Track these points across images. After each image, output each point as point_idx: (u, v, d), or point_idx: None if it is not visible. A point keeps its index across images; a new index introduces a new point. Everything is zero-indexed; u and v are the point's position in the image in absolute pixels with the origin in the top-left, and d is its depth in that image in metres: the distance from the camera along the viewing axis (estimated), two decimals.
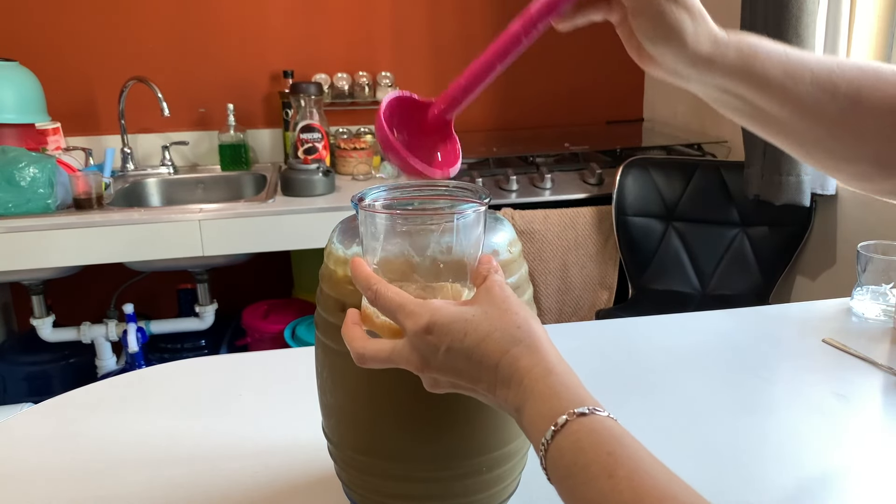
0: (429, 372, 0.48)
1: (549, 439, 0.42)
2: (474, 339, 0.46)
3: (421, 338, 0.46)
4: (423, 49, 2.49)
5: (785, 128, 0.57)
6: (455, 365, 0.47)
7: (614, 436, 0.41)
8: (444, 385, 0.48)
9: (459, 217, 0.50)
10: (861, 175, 0.58)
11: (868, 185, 0.59)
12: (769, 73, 0.53)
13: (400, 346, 0.48)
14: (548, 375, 0.45)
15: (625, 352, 0.97)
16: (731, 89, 0.55)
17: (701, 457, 0.72)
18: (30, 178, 1.79)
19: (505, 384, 0.46)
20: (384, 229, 0.51)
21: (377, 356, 0.49)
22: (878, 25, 1.74)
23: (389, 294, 0.48)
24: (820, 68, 0.54)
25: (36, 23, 2.22)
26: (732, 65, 0.53)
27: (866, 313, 1.04)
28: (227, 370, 0.94)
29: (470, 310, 0.47)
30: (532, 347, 0.46)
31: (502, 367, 0.46)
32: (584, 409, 0.42)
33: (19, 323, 2.44)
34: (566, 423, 0.42)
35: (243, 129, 2.34)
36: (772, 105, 0.55)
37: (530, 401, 0.44)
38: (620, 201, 2.04)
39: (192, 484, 0.69)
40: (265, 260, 2.39)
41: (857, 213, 1.74)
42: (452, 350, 0.46)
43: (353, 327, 0.51)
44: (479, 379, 0.47)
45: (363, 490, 0.61)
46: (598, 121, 2.66)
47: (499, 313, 0.47)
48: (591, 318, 2.10)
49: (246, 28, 2.36)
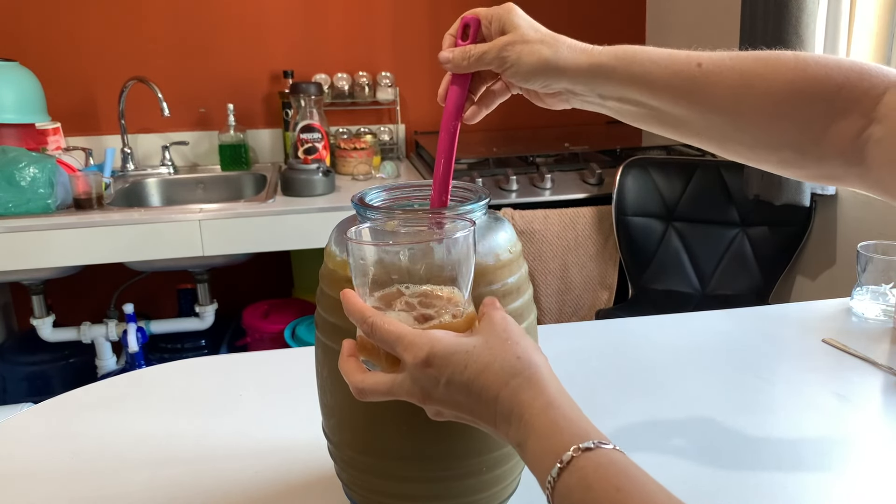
0: (431, 404, 0.47)
1: (556, 477, 0.41)
2: (474, 370, 0.45)
3: (421, 370, 0.46)
4: (423, 49, 2.49)
5: (690, 126, 0.58)
6: (455, 398, 0.46)
7: (621, 470, 0.40)
8: (447, 416, 0.48)
9: (449, 239, 0.49)
10: (787, 162, 0.57)
11: (801, 172, 0.58)
12: (653, 72, 0.55)
13: (400, 379, 0.47)
14: (549, 408, 0.44)
15: (625, 352, 0.97)
16: (623, 95, 0.57)
17: (701, 457, 0.72)
18: (30, 178, 1.79)
19: (505, 419, 0.45)
20: (373, 258, 0.50)
21: (377, 389, 0.48)
22: (878, 25, 1.74)
23: (386, 326, 0.47)
24: (708, 61, 0.55)
25: (36, 23, 2.22)
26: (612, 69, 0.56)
27: (866, 313, 1.04)
28: (227, 370, 0.94)
29: (471, 340, 0.47)
30: (531, 380, 0.45)
31: (502, 400, 0.45)
32: (590, 443, 0.41)
33: (19, 323, 2.44)
34: (572, 460, 0.41)
35: (243, 129, 2.35)
36: (665, 104, 0.56)
37: (532, 437, 0.43)
38: (620, 201, 2.04)
39: (192, 484, 0.69)
40: (265, 260, 2.39)
41: (857, 213, 1.74)
42: (453, 383, 0.45)
43: (349, 360, 0.50)
44: (480, 413, 0.46)
45: (363, 490, 0.61)
46: (598, 121, 2.66)
47: (499, 343, 0.47)
48: (591, 318, 2.10)
49: (246, 28, 2.36)
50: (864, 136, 0.52)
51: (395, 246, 0.51)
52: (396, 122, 2.51)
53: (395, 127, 2.51)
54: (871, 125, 0.51)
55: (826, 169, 0.55)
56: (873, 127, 0.51)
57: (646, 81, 0.56)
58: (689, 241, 2.05)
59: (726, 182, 2.00)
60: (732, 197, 1.99)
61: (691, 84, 0.55)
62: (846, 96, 0.52)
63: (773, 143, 0.56)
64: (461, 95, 0.62)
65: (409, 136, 2.54)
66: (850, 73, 0.52)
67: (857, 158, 0.53)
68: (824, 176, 0.57)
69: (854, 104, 0.52)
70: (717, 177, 2.01)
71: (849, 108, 0.52)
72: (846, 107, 0.52)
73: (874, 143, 0.51)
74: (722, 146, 0.59)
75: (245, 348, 2.27)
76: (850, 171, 0.54)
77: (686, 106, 0.56)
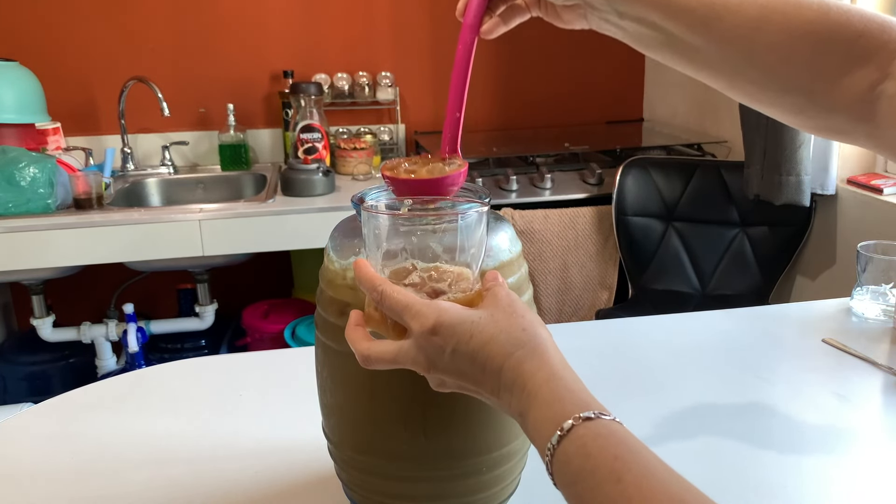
0: (435, 373, 0.47)
1: (555, 444, 0.42)
2: (479, 341, 0.46)
3: (427, 339, 0.46)
4: (423, 49, 2.49)
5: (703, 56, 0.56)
6: (460, 367, 0.47)
7: (621, 440, 0.41)
8: (450, 386, 0.48)
9: (462, 217, 0.50)
10: (794, 108, 0.55)
11: (809, 122, 0.56)
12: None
13: (406, 346, 0.48)
14: (551, 379, 0.44)
15: (625, 352, 0.97)
16: (641, 16, 0.56)
17: (701, 456, 0.72)
18: (30, 178, 1.79)
19: (508, 389, 0.45)
20: (387, 230, 0.51)
21: (382, 357, 0.48)
22: None
23: (395, 295, 0.48)
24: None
25: (36, 23, 2.22)
26: None
27: (866, 313, 1.04)
28: (227, 370, 0.94)
29: (476, 312, 0.47)
30: (536, 351, 0.46)
31: (506, 370, 0.45)
32: (590, 413, 0.42)
33: (19, 323, 2.44)
34: (572, 428, 0.42)
35: (243, 129, 2.35)
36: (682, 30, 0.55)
37: (534, 406, 0.44)
38: (620, 201, 2.04)
39: (192, 484, 0.69)
40: (265, 260, 2.39)
41: (857, 213, 1.74)
42: (458, 352, 0.46)
43: (356, 329, 0.51)
44: (483, 383, 0.46)
45: (363, 490, 0.61)
46: (598, 121, 2.66)
47: (505, 316, 0.47)
48: (591, 318, 2.10)
49: (246, 28, 2.36)
50: (877, 90, 0.50)
51: (411, 217, 0.52)
52: (396, 122, 2.51)
53: (395, 127, 2.51)
54: (886, 80, 0.50)
55: (835, 122, 0.54)
56: (888, 82, 0.50)
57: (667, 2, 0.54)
58: (689, 241, 2.05)
59: (726, 182, 2.00)
60: (732, 197, 1.99)
61: (710, 10, 0.54)
62: (864, 45, 0.50)
63: (784, 85, 0.54)
64: (481, 6, 0.61)
65: (409, 136, 2.54)
66: (871, 22, 0.51)
67: (867, 114, 0.51)
68: (832, 129, 0.55)
69: (871, 55, 0.50)
70: (717, 177, 2.01)
71: (865, 57, 0.50)
72: (862, 56, 0.50)
73: (886, 99, 0.50)
74: (731, 82, 0.57)
75: (245, 348, 2.27)
76: (858, 128, 0.53)
77: (702, 33, 0.54)
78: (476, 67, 0.62)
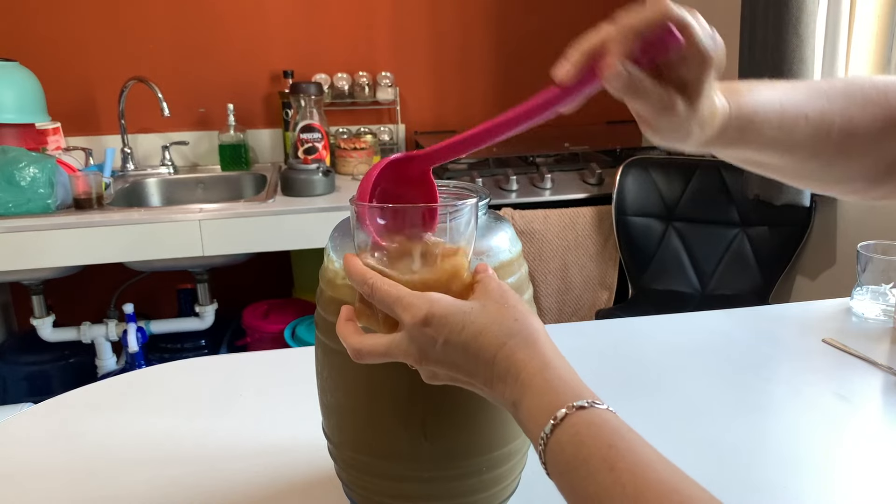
0: (427, 364, 0.47)
1: (549, 433, 0.42)
2: (472, 331, 0.46)
3: (419, 330, 0.46)
4: (423, 49, 2.49)
5: (780, 170, 0.60)
6: (452, 358, 0.46)
7: (614, 428, 0.41)
8: (442, 378, 0.48)
9: (453, 216, 0.50)
10: (853, 191, 0.60)
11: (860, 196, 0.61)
12: (766, 134, 0.54)
13: (398, 339, 0.48)
14: (545, 369, 0.45)
15: (625, 352, 0.97)
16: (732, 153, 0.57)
17: (701, 457, 0.72)
18: (30, 178, 1.79)
19: (501, 379, 0.46)
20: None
21: (374, 350, 0.48)
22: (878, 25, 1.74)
23: (386, 287, 0.48)
24: (813, 111, 0.55)
25: (36, 23, 2.22)
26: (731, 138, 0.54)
27: (866, 313, 1.04)
28: (227, 370, 0.94)
29: (468, 303, 0.47)
30: (528, 340, 0.46)
31: (499, 360, 0.46)
32: (584, 402, 0.42)
33: (19, 323, 2.44)
34: (565, 417, 0.42)
35: (243, 129, 2.35)
36: (767, 157, 0.57)
37: (528, 395, 0.44)
38: (620, 201, 2.04)
39: (192, 484, 0.69)
40: (265, 260, 2.39)
41: (857, 213, 1.74)
42: (450, 343, 0.46)
43: (346, 324, 0.51)
44: (476, 373, 0.46)
45: (363, 490, 0.61)
46: (598, 121, 2.66)
47: (496, 307, 0.47)
48: (591, 318, 2.10)
49: (246, 28, 2.36)
50: None
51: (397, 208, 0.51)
52: (396, 122, 2.51)
53: (395, 127, 2.51)
54: None
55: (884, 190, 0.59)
56: None
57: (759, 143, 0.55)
58: (689, 241, 2.05)
59: (726, 182, 2.00)
60: (732, 197, 1.99)
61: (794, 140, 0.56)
62: None
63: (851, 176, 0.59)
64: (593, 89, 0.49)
65: (409, 136, 2.54)
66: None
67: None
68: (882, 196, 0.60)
69: None
70: (717, 177, 2.01)
71: None
72: None
73: None
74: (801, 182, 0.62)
75: (245, 348, 2.27)
76: None
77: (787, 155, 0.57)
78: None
